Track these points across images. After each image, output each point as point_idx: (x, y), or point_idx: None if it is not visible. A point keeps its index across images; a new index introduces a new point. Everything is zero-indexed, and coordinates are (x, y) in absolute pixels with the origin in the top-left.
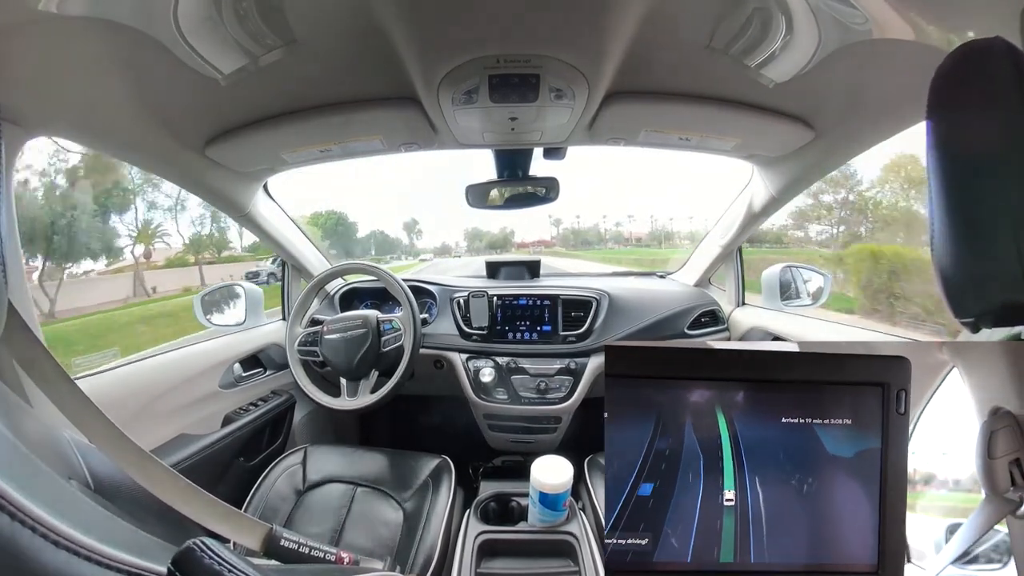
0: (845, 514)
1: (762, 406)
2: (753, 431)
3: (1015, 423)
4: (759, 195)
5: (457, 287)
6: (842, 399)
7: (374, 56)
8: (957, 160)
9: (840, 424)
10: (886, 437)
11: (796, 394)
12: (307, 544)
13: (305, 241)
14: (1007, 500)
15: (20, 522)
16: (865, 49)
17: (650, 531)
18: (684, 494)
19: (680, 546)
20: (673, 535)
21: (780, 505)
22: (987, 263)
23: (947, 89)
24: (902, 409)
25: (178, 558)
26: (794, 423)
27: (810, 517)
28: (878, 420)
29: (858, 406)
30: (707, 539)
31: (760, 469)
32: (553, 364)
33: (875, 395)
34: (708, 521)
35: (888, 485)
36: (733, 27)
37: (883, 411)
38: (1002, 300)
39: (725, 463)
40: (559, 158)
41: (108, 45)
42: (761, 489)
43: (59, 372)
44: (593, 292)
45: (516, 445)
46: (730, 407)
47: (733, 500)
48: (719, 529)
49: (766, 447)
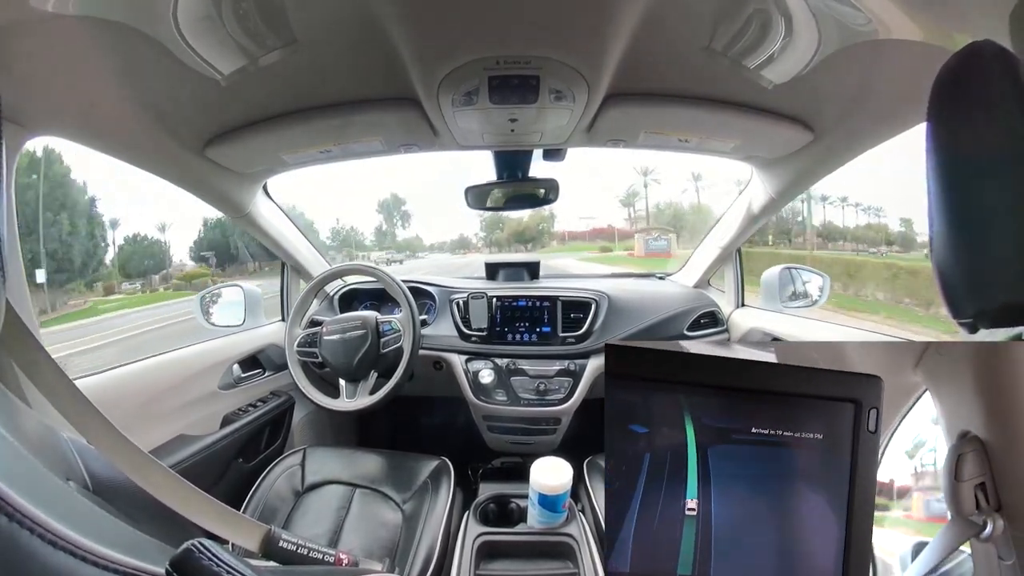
0: (811, 530)
1: (733, 414)
2: (721, 439)
3: (982, 447)
4: (758, 196)
5: (456, 288)
6: (815, 414)
7: (374, 57)
8: (957, 161)
9: (811, 438)
10: (856, 455)
11: (768, 405)
12: (306, 545)
13: (304, 242)
14: (971, 523)
15: (18, 523)
16: (864, 51)
17: (614, 538)
18: (646, 500)
19: (637, 554)
20: (631, 542)
21: (744, 517)
22: (986, 263)
23: (947, 91)
24: (873, 427)
25: (176, 559)
26: (764, 434)
27: (775, 531)
28: (849, 437)
29: (830, 422)
30: (666, 549)
31: (726, 479)
32: (552, 365)
33: (847, 412)
34: (667, 530)
35: (856, 503)
36: (732, 29)
37: (854, 428)
38: (1001, 300)
39: (689, 470)
40: (559, 159)
41: (108, 45)
42: (725, 500)
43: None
44: (592, 293)
45: (515, 446)
46: (698, 412)
47: (695, 510)
48: (678, 539)
49: (734, 457)
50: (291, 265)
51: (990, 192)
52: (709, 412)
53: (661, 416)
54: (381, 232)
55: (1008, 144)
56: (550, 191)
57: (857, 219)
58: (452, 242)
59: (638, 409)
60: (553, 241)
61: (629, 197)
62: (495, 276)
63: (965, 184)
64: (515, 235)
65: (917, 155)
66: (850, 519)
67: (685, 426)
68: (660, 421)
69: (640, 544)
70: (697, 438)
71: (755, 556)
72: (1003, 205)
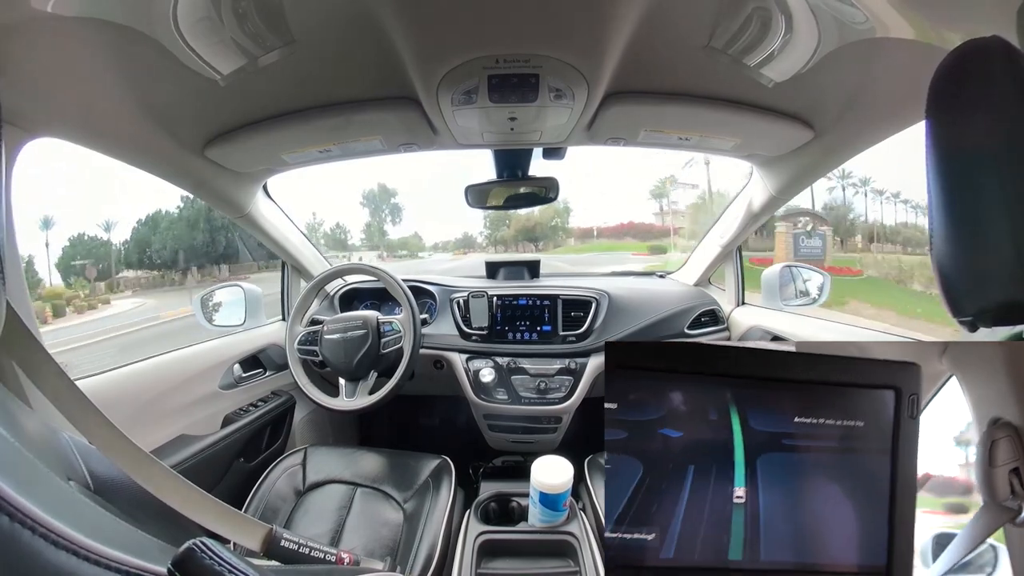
0: (855, 515)
1: (775, 405)
2: (766, 429)
3: (1015, 433)
4: (758, 194)
5: (457, 287)
6: (855, 401)
7: (373, 56)
8: (956, 158)
9: (852, 426)
10: (897, 441)
11: (809, 394)
12: (307, 544)
13: (305, 242)
14: (1006, 508)
15: (20, 522)
16: (864, 49)
17: (657, 526)
18: (694, 490)
19: (688, 543)
20: (681, 531)
21: (790, 504)
22: (986, 262)
23: (946, 88)
24: (913, 413)
25: (178, 559)
26: (806, 423)
27: (819, 517)
28: (890, 424)
29: (870, 409)
30: (716, 536)
31: (771, 467)
32: (553, 364)
33: (888, 399)
34: (717, 518)
35: (898, 489)
36: (732, 27)
37: (896, 415)
38: (1001, 299)
39: (736, 460)
40: (559, 158)
41: (107, 46)
42: (772, 487)
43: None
44: (593, 292)
45: (516, 445)
46: (744, 404)
47: (743, 498)
48: (728, 526)
49: (778, 445)
50: (292, 264)
51: (990, 190)
52: (754, 404)
53: (706, 410)
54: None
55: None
56: (550, 190)
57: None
58: (456, 241)
59: (684, 403)
60: (570, 239)
61: (663, 187)
62: (495, 275)
63: (965, 181)
64: (523, 232)
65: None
66: (893, 505)
67: (731, 417)
68: (705, 415)
69: (688, 532)
70: (743, 429)
71: (802, 542)
72: (1003, 203)
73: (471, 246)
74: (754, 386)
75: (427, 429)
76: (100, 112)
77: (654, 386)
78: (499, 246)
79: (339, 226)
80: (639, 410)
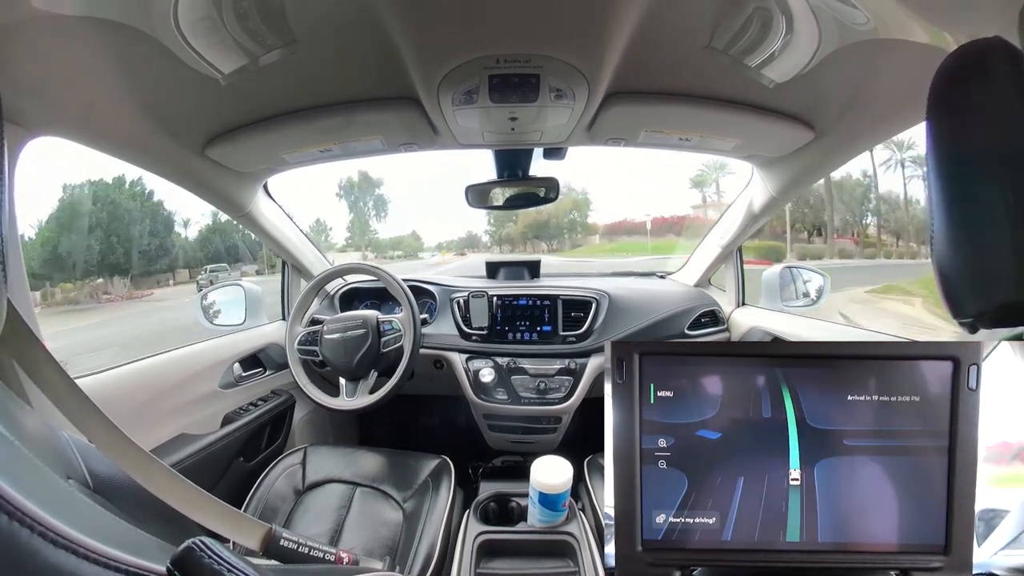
0: (912, 493)
1: (828, 384)
2: (819, 409)
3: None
4: (759, 195)
5: (457, 287)
6: (910, 375)
7: (374, 56)
8: (957, 160)
9: (907, 401)
10: (956, 414)
11: (862, 371)
12: (307, 544)
13: (305, 241)
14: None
15: (19, 521)
16: (865, 49)
17: (717, 510)
18: (750, 473)
19: (746, 525)
20: (739, 514)
21: (846, 484)
22: (986, 263)
23: (947, 89)
24: (973, 384)
25: (177, 558)
26: (860, 400)
27: (876, 496)
28: (947, 396)
29: (926, 382)
30: (773, 518)
31: (826, 448)
32: (553, 364)
33: (945, 371)
34: (774, 500)
35: (957, 464)
36: (733, 27)
37: (953, 387)
38: (1001, 300)
39: (791, 442)
40: (559, 158)
41: (109, 45)
42: (827, 468)
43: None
44: (593, 292)
45: (516, 445)
46: (796, 384)
47: (799, 480)
48: (785, 509)
49: (832, 425)
50: (292, 264)
51: (991, 191)
52: (805, 383)
53: (759, 391)
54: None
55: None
56: (550, 190)
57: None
58: (460, 240)
59: (735, 385)
60: (594, 236)
61: (708, 174)
62: (495, 275)
63: (966, 183)
64: (533, 228)
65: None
66: (951, 482)
67: (784, 399)
68: (758, 396)
69: (746, 515)
70: (795, 409)
71: (859, 521)
72: (1004, 204)
73: (475, 245)
74: (805, 364)
75: (427, 429)
76: (101, 111)
77: (695, 370)
78: (504, 245)
79: (319, 222)
80: (693, 394)
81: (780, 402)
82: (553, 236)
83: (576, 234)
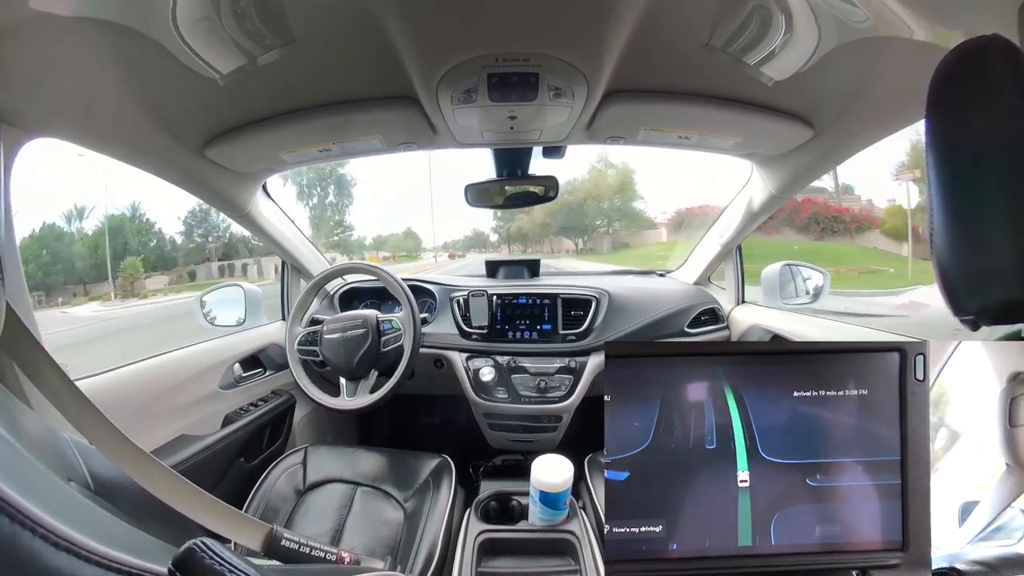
0: (866, 490)
1: (772, 380)
2: (764, 407)
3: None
4: (758, 193)
5: (457, 286)
6: (857, 368)
7: (373, 55)
8: (956, 157)
9: (855, 395)
10: (904, 406)
11: (807, 365)
12: (308, 544)
13: (305, 241)
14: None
15: (20, 524)
16: (864, 47)
17: (663, 518)
18: (697, 478)
19: (696, 532)
20: (688, 521)
21: (797, 484)
22: (986, 261)
23: (946, 87)
24: (920, 375)
25: (179, 559)
26: (806, 396)
27: (828, 495)
28: (895, 389)
29: (873, 375)
30: (723, 523)
31: (774, 447)
32: (553, 363)
33: (891, 362)
34: (723, 505)
35: (909, 457)
36: (732, 25)
37: (900, 378)
38: (1001, 298)
39: (737, 443)
40: (558, 157)
41: (107, 46)
42: (776, 468)
43: (59, 373)
44: (593, 291)
45: (516, 444)
46: (738, 383)
47: (747, 481)
48: (735, 512)
49: (778, 423)
50: (291, 264)
51: (990, 188)
52: (749, 380)
53: (700, 390)
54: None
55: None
56: (549, 188)
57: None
58: (467, 239)
59: (677, 386)
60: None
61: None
62: (495, 274)
63: (965, 180)
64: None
65: None
66: (904, 475)
67: (727, 398)
68: (699, 395)
69: (695, 521)
70: (739, 408)
71: (812, 522)
72: (1003, 201)
73: (483, 244)
74: (748, 362)
75: (427, 428)
76: (99, 112)
77: (646, 373)
78: (515, 244)
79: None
80: (634, 398)
81: (723, 402)
82: (585, 231)
83: (619, 227)
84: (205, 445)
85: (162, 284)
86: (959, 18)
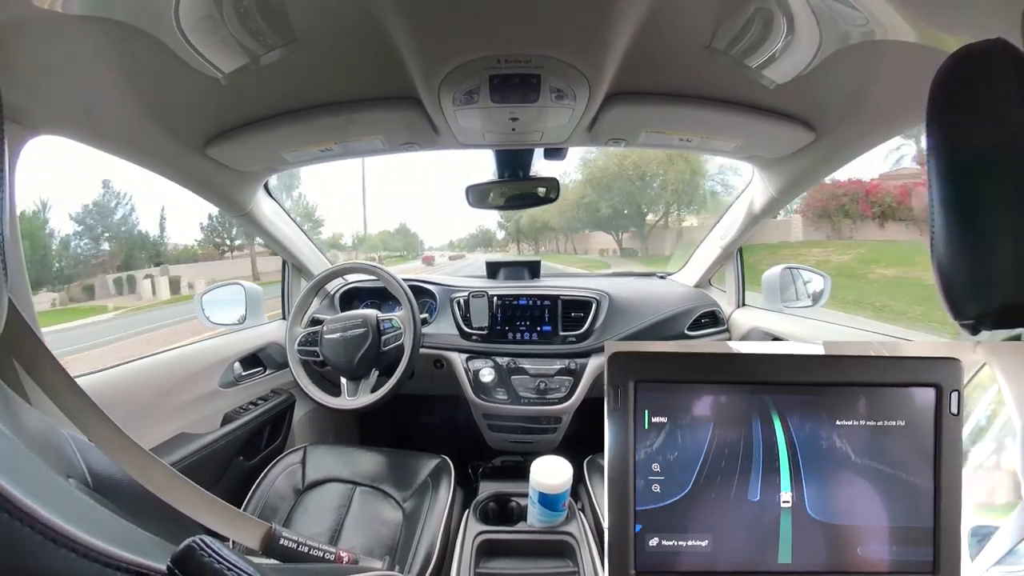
0: (901, 514)
1: (817, 409)
2: (809, 434)
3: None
4: (760, 196)
5: (457, 287)
6: (895, 401)
7: (375, 56)
8: (957, 161)
9: (894, 426)
10: (939, 439)
11: (850, 397)
12: (306, 543)
13: (306, 240)
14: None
15: (19, 520)
16: (866, 50)
17: (709, 532)
18: (742, 496)
19: (739, 548)
20: (731, 537)
21: (836, 506)
22: (987, 265)
23: (947, 90)
24: (955, 410)
25: (178, 556)
26: (849, 425)
27: (866, 517)
28: (931, 422)
29: (911, 408)
30: (765, 541)
31: (816, 471)
32: (553, 364)
33: (928, 397)
34: (766, 523)
35: (943, 487)
36: (734, 28)
37: (936, 413)
38: (1001, 302)
39: (782, 465)
40: (560, 158)
41: (109, 44)
42: (818, 491)
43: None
44: (593, 292)
45: (516, 445)
46: (785, 410)
47: (790, 502)
48: (777, 531)
49: (821, 449)
50: (292, 263)
51: (991, 192)
52: (795, 409)
53: (750, 416)
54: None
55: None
56: (551, 190)
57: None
58: (471, 237)
59: (725, 412)
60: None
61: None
62: (496, 275)
63: (966, 184)
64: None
65: None
66: (937, 504)
67: (774, 423)
68: (749, 421)
69: (737, 538)
70: (786, 435)
71: (850, 543)
72: (1004, 206)
73: (489, 244)
74: (794, 391)
75: (427, 428)
76: (102, 110)
77: (688, 396)
78: (524, 243)
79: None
80: (689, 420)
81: (771, 427)
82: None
83: (689, 211)
84: (204, 443)
85: (47, 305)
86: (961, 22)
